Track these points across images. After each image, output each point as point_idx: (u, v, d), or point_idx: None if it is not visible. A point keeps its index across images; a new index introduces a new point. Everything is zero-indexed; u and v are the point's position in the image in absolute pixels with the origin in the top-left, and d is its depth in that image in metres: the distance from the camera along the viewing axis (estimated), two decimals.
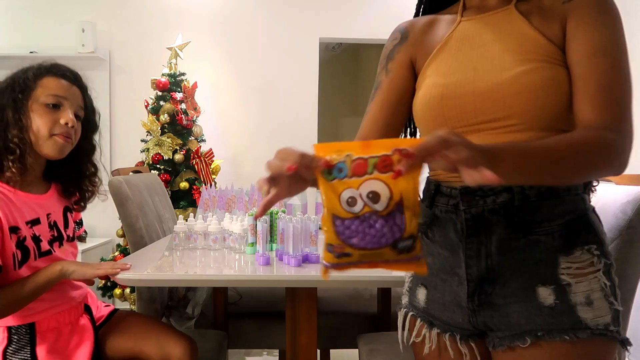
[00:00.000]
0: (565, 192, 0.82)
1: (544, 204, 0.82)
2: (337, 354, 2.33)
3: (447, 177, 0.89)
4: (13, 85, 1.25)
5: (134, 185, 1.82)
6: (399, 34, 1.04)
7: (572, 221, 0.82)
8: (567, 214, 0.82)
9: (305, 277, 1.23)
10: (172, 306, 1.89)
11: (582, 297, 0.79)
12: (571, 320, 0.79)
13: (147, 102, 3.20)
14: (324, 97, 4.06)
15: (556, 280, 0.80)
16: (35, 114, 1.24)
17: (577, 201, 0.83)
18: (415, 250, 0.63)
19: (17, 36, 3.56)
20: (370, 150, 0.60)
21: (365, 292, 2.14)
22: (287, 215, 1.44)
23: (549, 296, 0.80)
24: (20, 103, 1.23)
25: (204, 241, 1.45)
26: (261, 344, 1.95)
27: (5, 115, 1.22)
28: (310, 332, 1.31)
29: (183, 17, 3.59)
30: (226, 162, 3.53)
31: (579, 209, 0.83)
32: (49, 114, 1.25)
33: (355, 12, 3.66)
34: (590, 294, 0.80)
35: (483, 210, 0.84)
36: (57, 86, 1.27)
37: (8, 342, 1.24)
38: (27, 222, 1.26)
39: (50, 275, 1.22)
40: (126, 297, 3.08)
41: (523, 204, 0.82)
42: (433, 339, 0.93)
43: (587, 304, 0.79)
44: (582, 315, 0.79)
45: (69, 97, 1.29)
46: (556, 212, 0.82)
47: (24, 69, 1.30)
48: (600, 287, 0.80)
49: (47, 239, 1.31)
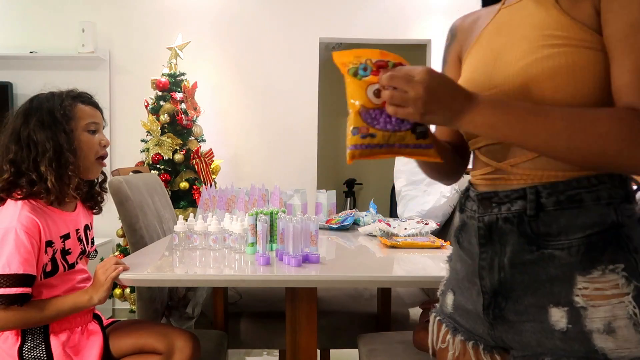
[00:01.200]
0: (594, 200, 0.73)
1: (563, 213, 0.73)
2: (337, 354, 2.33)
3: (475, 179, 0.87)
4: (54, 116, 1.33)
5: (134, 185, 1.82)
6: (449, 34, 1.01)
7: (596, 235, 0.72)
8: (591, 226, 0.72)
9: (305, 277, 1.23)
10: (172, 306, 1.89)
11: (600, 324, 0.70)
12: (584, 348, 0.70)
13: (147, 102, 3.20)
14: (324, 97, 4.06)
15: (570, 302, 0.72)
16: (82, 140, 1.37)
17: (608, 212, 0.72)
18: (429, 138, 0.76)
19: (17, 36, 3.56)
20: (388, 56, 0.74)
21: (365, 292, 2.14)
22: (287, 215, 1.44)
23: (562, 319, 0.72)
24: (71, 134, 1.34)
25: (204, 241, 1.45)
26: (261, 344, 1.95)
27: (59, 146, 1.31)
28: (310, 332, 1.31)
29: (183, 17, 3.59)
30: (226, 162, 3.53)
31: (608, 221, 0.72)
32: (91, 139, 1.39)
33: (355, 12, 3.66)
34: (613, 321, 0.69)
35: (497, 218, 0.79)
36: (91, 113, 1.41)
37: (23, 341, 1.30)
38: (61, 237, 1.35)
39: (79, 303, 1.30)
40: (126, 297, 3.08)
41: (537, 213, 0.75)
42: (456, 345, 0.89)
43: (608, 332, 0.69)
44: (599, 344, 0.69)
45: (99, 122, 1.44)
46: (577, 224, 0.73)
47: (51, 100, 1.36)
48: (628, 315, 0.69)
49: (76, 253, 1.41)
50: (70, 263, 1.38)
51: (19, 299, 1.23)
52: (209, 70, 3.61)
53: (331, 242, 1.74)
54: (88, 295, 1.29)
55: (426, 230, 1.76)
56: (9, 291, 1.22)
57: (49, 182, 1.29)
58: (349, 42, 4.08)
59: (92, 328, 1.43)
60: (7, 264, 1.21)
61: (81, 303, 1.29)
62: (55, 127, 1.32)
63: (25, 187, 1.29)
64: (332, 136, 5.73)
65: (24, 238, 1.23)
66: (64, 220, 1.38)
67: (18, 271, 1.22)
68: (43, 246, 1.29)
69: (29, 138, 1.31)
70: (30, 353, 1.29)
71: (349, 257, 1.56)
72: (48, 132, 1.31)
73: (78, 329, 1.39)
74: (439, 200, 1.99)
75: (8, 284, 1.21)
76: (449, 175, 1.01)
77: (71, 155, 1.32)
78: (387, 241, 1.60)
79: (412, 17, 3.68)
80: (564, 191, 0.74)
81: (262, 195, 1.90)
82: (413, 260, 1.45)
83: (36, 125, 1.32)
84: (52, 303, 1.29)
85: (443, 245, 1.59)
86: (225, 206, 1.91)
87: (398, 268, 1.38)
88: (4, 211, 1.29)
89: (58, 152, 1.31)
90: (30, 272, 1.24)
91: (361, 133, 0.74)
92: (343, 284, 1.37)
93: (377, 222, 1.78)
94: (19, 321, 1.25)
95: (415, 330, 1.49)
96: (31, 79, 3.44)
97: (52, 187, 1.29)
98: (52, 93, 1.39)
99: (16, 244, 1.22)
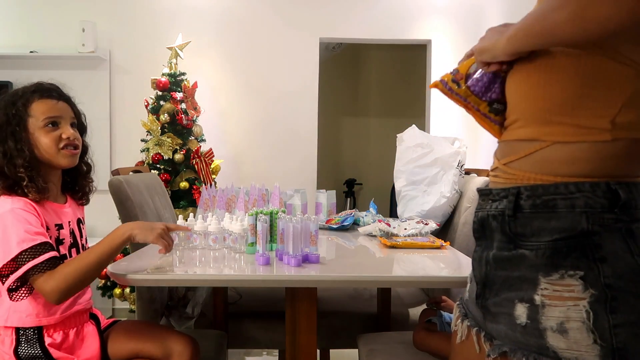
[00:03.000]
0: (567, 208, 0.74)
1: (538, 217, 0.77)
2: (337, 354, 2.34)
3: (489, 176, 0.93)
4: (8, 120, 1.32)
5: (134, 185, 1.81)
6: None
7: (562, 240, 0.74)
8: (559, 231, 0.74)
9: (305, 277, 1.23)
10: (172, 306, 1.89)
11: (553, 323, 0.73)
12: (538, 344, 0.75)
13: (147, 102, 3.20)
14: (324, 97, 4.06)
15: (531, 300, 0.76)
16: (39, 137, 1.33)
17: (579, 220, 0.73)
18: (499, 117, 0.90)
19: (17, 36, 3.56)
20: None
21: (365, 292, 2.14)
22: (287, 215, 1.44)
23: (523, 314, 0.77)
24: (19, 135, 1.31)
25: (203, 241, 1.45)
26: (261, 344, 1.95)
27: (8, 148, 1.31)
28: (310, 332, 1.31)
29: (183, 17, 3.59)
30: (226, 162, 3.53)
31: (577, 228, 0.73)
32: (50, 132, 1.34)
33: (355, 12, 3.66)
34: (566, 322, 0.72)
35: (487, 215, 0.85)
36: (48, 108, 1.36)
37: (17, 343, 1.29)
38: (55, 225, 1.36)
39: (115, 238, 1.28)
40: (126, 297, 3.08)
41: (515, 213, 0.79)
42: (463, 330, 0.94)
43: (560, 332, 0.73)
44: (551, 342, 0.73)
45: (61, 114, 1.37)
46: (548, 228, 0.75)
47: (8, 99, 1.36)
48: (582, 319, 0.71)
49: (67, 244, 1.40)
50: (62, 254, 1.37)
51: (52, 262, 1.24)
52: (209, 70, 3.61)
53: (331, 242, 1.74)
54: (123, 229, 1.28)
55: (426, 230, 1.76)
56: (39, 260, 1.22)
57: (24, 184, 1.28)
58: (349, 42, 4.08)
59: (88, 330, 1.42)
60: (22, 240, 1.22)
61: (119, 239, 1.27)
62: (5, 131, 1.31)
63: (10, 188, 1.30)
64: (332, 136, 5.74)
65: (24, 214, 1.25)
66: (56, 212, 1.38)
67: (34, 242, 1.23)
68: (44, 225, 1.29)
69: None
70: (26, 352, 1.28)
71: (348, 257, 1.56)
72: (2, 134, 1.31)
73: (73, 330, 1.38)
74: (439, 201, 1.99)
75: (33, 255, 1.22)
76: None
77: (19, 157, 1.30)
78: (387, 241, 1.60)
79: (412, 17, 3.68)
80: (541, 195, 0.76)
81: (262, 195, 1.90)
82: (413, 260, 1.45)
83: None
84: (84, 253, 1.29)
85: (443, 245, 1.59)
86: (225, 206, 1.91)
87: (398, 268, 1.38)
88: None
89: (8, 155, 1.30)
90: (45, 240, 1.26)
91: (455, 77, 0.93)
92: (343, 284, 1.37)
93: (377, 222, 1.78)
94: (68, 279, 1.23)
95: (415, 330, 1.49)
96: (31, 78, 3.37)
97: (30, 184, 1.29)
98: (15, 91, 1.38)
99: (19, 220, 1.23)
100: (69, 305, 1.37)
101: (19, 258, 1.21)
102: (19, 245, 1.21)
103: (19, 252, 1.21)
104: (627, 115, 0.73)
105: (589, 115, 0.74)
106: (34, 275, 1.22)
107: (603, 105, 0.73)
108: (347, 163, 5.89)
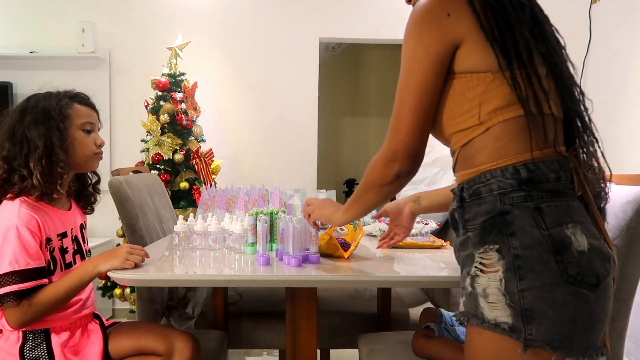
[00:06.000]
0: (487, 193, 0.92)
1: (472, 204, 0.94)
2: (337, 354, 2.34)
3: None
4: (49, 115, 1.35)
5: (134, 185, 1.82)
6: None
7: (487, 221, 0.91)
8: (485, 214, 0.92)
9: (305, 277, 1.23)
10: (172, 306, 1.89)
11: (480, 289, 0.90)
12: (474, 307, 0.91)
13: (147, 102, 3.19)
14: (324, 97, 4.06)
15: (469, 272, 0.92)
16: (76, 138, 1.39)
17: (495, 202, 0.91)
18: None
19: (17, 36, 3.56)
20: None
21: (365, 292, 2.14)
22: (287, 215, 1.44)
23: (468, 285, 0.92)
24: (65, 131, 1.36)
25: (204, 241, 1.45)
26: (261, 344, 1.95)
27: (51, 143, 1.33)
28: (310, 332, 1.31)
29: (183, 17, 3.59)
30: (226, 162, 3.53)
31: (495, 209, 0.90)
32: (87, 137, 1.41)
33: (355, 12, 3.66)
34: (487, 287, 0.88)
35: (453, 209, 1.01)
36: (86, 113, 1.43)
37: (24, 341, 1.30)
38: (58, 235, 1.36)
39: (84, 276, 1.30)
40: (126, 297, 3.08)
41: (461, 204, 0.97)
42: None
43: (483, 296, 0.89)
44: (480, 304, 0.89)
45: (94, 122, 1.46)
46: (480, 212, 0.93)
47: (47, 97, 1.39)
48: (497, 285, 0.87)
49: (71, 251, 1.41)
50: (67, 262, 1.39)
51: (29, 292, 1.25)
52: (209, 70, 3.61)
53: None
54: (92, 265, 1.29)
55: (426, 230, 1.76)
56: (23, 286, 1.23)
57: (34, 178, 1.29)
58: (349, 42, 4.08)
59: (92, 328, 1.43)
60: (15, 261, 1.23)
61: (87, 275, 1.29)
62: (48, 124, 1.33)
63: (17, 184, 1.30)
64: (332, 136, 5.74)
65: (26, 234, 1.25)
66: (60, 219, 1.39)
67: (27, 266, 1.24)
68: (44, 242, 1.30)
69: (22, 135, 1.32)
70: (31, 352, 1.29)
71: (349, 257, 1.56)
72: (41, 129, 1.32)
73: (79, 329, 1.39)
74: None
75: (20, 279, 1.23)
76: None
77: (62, 153, 1.33)
78: None
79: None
80: (471, 186, 0.95)
81: (262, 195, 1.90)
82: (413, 260, 1.45)
83: (30, 123, 1.33)
84: (57, 284, 1.29)
85: (443, 245, 1.59)
86: (225, 206, 1.91)
87: (398, 268, 1.38)
88: (2, 211, 1.29)
89: (49, 149, 1.32)
90: (40, 265, 1.26)
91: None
92: (343, 284, 1.37)
93: (377, 222, 1.77)
94: (36, 312, 1.25)
95: (414, 336, 1.48)
96: (31, 79, 3.43)
97: (38, 183, 1.30)
98: (50, 92, 1.41)
99: (20, 240, 1.24)
100: (77, 310, 1.39)
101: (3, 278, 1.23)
102: (11, 265, 1.23)
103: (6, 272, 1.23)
104: (486, 108, 0.92)
105: (465, 120, 0.95)
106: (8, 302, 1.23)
107: (469, 109, 0.94)
108: (347, 163, 5.89)
